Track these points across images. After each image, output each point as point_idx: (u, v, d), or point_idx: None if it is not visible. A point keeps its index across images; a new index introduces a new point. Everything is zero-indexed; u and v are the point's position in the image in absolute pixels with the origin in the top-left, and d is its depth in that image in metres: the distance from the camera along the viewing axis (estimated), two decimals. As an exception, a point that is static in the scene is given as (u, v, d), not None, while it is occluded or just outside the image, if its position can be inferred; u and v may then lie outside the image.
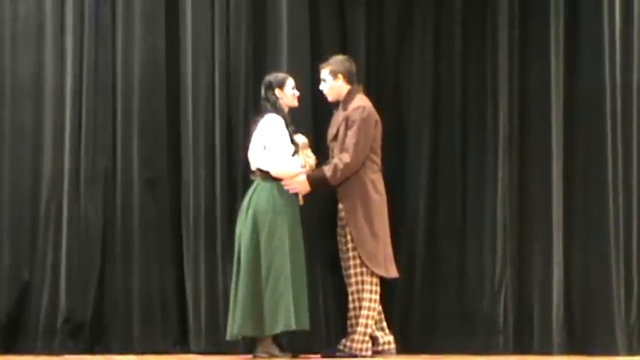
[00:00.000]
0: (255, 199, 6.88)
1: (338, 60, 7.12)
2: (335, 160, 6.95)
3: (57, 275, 7.35)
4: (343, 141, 6.96)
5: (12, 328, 7.30)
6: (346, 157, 6.91)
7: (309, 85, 7.27)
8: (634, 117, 7.59)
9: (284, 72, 7.19)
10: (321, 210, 7.30)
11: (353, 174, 6.94)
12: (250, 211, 6.87)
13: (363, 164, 6.96)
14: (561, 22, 7.61)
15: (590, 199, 7.56)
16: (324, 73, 7.10)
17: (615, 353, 7.34)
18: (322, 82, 7.14)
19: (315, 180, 6.91)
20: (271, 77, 7.07)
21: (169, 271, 7.50)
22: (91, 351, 7.32)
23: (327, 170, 6.92)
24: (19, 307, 7.33)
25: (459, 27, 7.70)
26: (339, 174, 6.91)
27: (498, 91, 7.62)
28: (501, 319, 7.50)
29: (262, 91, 7.03)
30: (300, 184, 6.90)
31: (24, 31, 7.49)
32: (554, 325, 7.44)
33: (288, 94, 7.02)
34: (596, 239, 7.52)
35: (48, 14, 7.49)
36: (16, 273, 7.37)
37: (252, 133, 7.00)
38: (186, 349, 7.42)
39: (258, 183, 6.93)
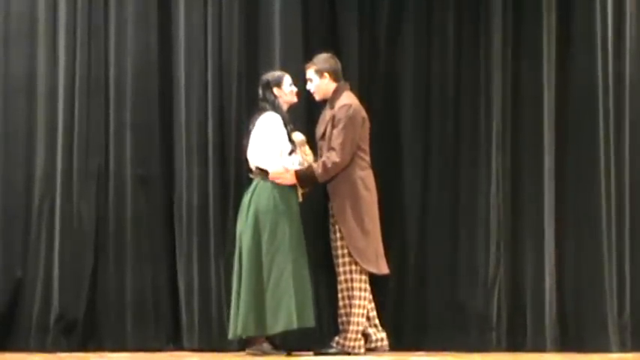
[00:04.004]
0: (256, 199, 6.88)
1: (322, 58, 7.12)
2: (324, 159, 6.95)
3: (50, 273, 7.35)
4: (330, 140, 6.97)
5: (5, 326, 7.29)
6: (334, 157, 6.90)
7: (302, 84, 7.25)
8: (626, 112, 7.58)
9: (279, 70, 7.20)
10: (313, 207, 7.29)
11: (341, 172, 6.94)
12: (251, 211, 6.87)
13: (352, 162, 6.96)
14: (554, 17, 7.60)
15: (583, 195, 7.54)
16: (310, 72, 7.11)
17: (608, 350, 7.32)
18: (309, 82, 7.14)
19: (304, 176, 6.93)
20: (268, 76, 7.08)
21: (162, 268, 7.51)
22: (84, 348, 7.32)
23: (317, 168, 6.93)
24: (12, 304, 7.34)
25: (452, 24, 7.69)
26: (326, 172, 6.92)
27: (491, 87, 7.61)
28: (494, 316, 7.48)
29: (260, 91, 7.04)
30: (287, 179, 6.91)
31: (17, 30, 7.50)
32: (547, 321, 7.43)
33: (287, 92, 7.03)
34: (588, 235, 7.50)
35: (41, 14, 7.50)
36: (9, 270, 7.37)
37: (249, 132, 7.00)
38: (179, 347, 7.43)
39: (258, 182, 6.93)
